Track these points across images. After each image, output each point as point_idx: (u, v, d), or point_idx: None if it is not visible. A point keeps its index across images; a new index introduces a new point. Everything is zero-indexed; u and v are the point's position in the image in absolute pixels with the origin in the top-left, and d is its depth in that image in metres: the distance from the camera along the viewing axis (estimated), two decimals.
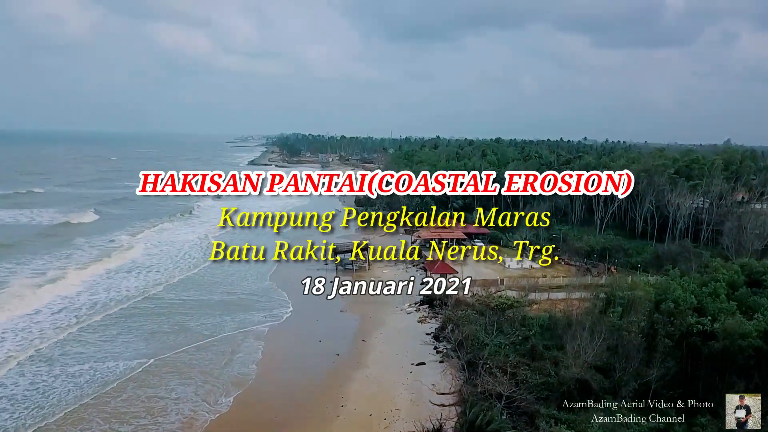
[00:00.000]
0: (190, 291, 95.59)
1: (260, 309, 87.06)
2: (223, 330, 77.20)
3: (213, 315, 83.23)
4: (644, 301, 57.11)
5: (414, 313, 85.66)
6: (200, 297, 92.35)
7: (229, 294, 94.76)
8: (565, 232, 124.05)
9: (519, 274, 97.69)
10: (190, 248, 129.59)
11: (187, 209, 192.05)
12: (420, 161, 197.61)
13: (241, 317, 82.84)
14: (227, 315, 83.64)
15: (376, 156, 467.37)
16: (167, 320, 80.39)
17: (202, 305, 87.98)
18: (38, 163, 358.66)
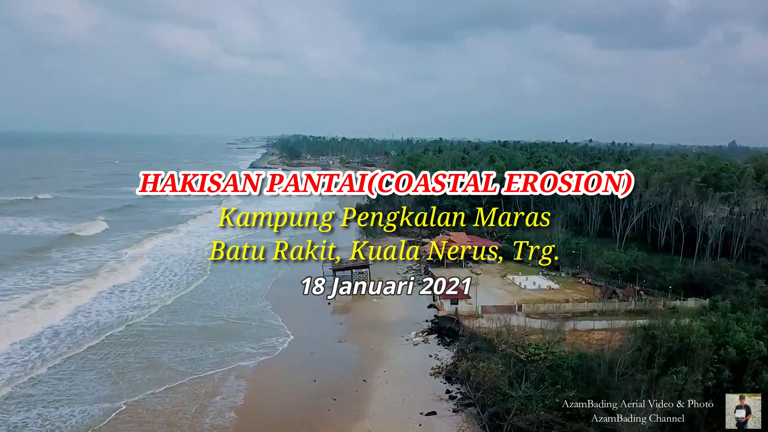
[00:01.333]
0: (179, 314, 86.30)
1: (249, 338, 77.50)
2: (201, 366, 67.55)
3: (194, 346, 73.63)
4: (700, 348, 47.53)
5: (421, 344, 75.97)
6: (185, 322, 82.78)
7: (216, 319, 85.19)
8: (582, 246, 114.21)
9: (537, 297, 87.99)
10: (191, 260, 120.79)
11: (192, 216, 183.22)
12: (424, 166, 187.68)
13: (227, 349, 73.27)
14: (211, 345, 74.11)
15: (378, 159, 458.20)
16: (141, 353, 70.89)
17: (185, 333, 78.44)
18: (42, 167, 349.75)
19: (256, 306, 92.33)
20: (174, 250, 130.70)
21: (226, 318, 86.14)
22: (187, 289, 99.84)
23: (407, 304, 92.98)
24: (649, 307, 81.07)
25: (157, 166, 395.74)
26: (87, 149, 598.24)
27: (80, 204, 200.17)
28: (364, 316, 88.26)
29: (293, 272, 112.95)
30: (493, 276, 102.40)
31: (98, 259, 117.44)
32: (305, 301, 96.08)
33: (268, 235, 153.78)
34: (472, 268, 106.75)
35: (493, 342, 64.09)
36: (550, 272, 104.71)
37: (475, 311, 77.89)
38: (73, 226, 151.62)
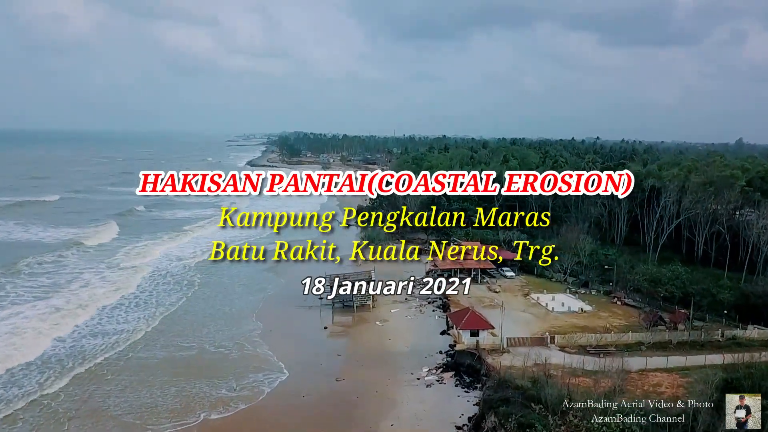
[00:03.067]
0: (156, 343, 73.66)
1: (227, 374, 64.70)
2: (154, 418, 54.59)
3: (153, 386, 60.95)
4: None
5: (435, 383, 63.07)
6: (150, 353, 70.12)
7: (189, 347, 72.43)
8: (611, 259, 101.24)
9: (569, 323, 75.03)
10: (182, 276, 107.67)
11: (198, 219, 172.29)
12: (430, 166, 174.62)
13: (194, 390, 60.45)
14: (174, 385, 61.42)
15: (380, 156, 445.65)
16: (87, 397, 58.14)
17: (148, 368, 65.72)
18: (46, 167, 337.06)
19: (241, 329, 79.64)
20: (170, 262, 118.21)
21: (202, 346, 73.36)
22: (168, 311, 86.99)
23: (416, 330, 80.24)
24: (705, 338, 68.37)
25: (161, 165, 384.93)
26: (90, 148, 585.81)
27: (88, 206, 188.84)
28: (367, 344, 75.49)
29: (287, 287, 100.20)
30: (514, 294, 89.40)
31: (90, 273, 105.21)
32: (298, 324, 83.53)
33: (267, 241, 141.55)
34: (489, 285, 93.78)
35: (528, 391, 51.13)
36: (578, 289, 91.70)
37: (499, 345, 64.98)
38: (80, 232, 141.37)
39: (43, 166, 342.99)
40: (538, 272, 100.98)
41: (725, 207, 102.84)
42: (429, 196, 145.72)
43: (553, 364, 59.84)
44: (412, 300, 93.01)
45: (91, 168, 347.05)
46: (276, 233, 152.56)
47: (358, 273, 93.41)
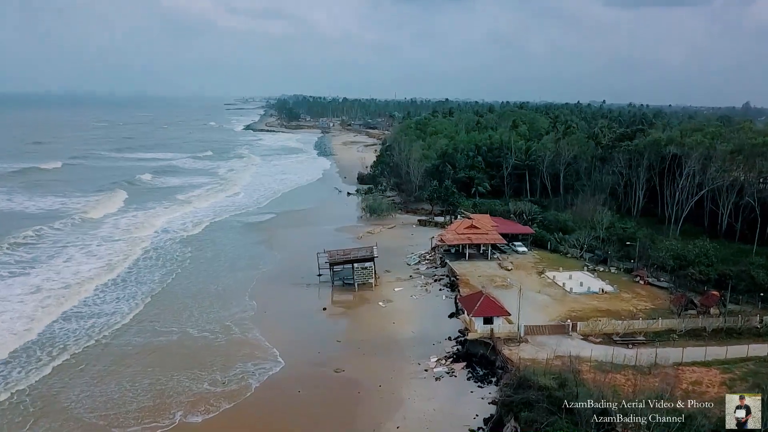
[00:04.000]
0: (133, 327, 67.20)
1: (211, 364, 58.46)
2: (120, 418, 48.43)
3: (124, 378, 54.69)
4: None
5: (446, 376, 56.90)
6: (127, 338, 63.79)
7: (168, 332, 66.10)
8: (630, 232, 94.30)
9: (591, 306, 68.52)
10: (178, 246, 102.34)
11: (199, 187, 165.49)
12: (434, 132, 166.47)
13: (172, 383, 54.27)
14: (148, 377, 55.26)
15: (381, 121, 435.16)
16: (52, 396, 51.95)
17: (123, 359, 59.37)
18: (46, 131, 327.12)
19: (230, 311, 73.26)
20: (166, 234, 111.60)
21: (184, 330, 67.00)
22: (153, 290, 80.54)
23: (423, 312, 73.84)
24: (744, 324, 61.89)
25: (163, 129, 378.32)
26: (88, 111, 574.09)
27: (92, 174, 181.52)
28: (369, 328, 69.17)
29: (283, 263, 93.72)
30: (528, 273, 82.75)
31: (79, 248, 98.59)
32: (294, 304, 77.23)
33: (263, 211, 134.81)
34: (500, 261, 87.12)
35: (555, 393, 44.78)
36: (596, 267, 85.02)
37: (516, 333, 58.56)
38: (84, 202, 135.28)
39: (42, 130, 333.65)
40: (552, 247, 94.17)
41: (756, 177, 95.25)
42: (434, 163, 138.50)
43: (577, 356, 53.71)
44: (416, 277, 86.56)
45: (91, 132, 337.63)
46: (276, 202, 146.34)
47: (359, 249, 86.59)
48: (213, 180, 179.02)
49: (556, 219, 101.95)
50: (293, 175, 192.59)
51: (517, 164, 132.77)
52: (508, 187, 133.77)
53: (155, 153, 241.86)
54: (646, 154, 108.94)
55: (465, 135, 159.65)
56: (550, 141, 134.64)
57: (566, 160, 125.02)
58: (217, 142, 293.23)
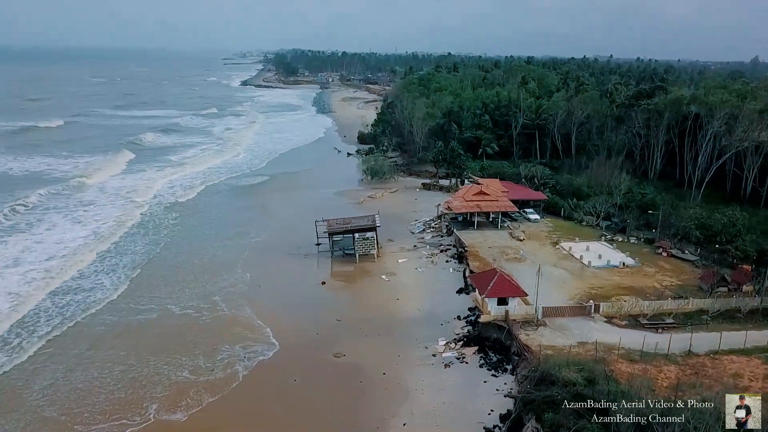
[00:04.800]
0: (106, 307, 61.56)
1: (195, 347, 53.37)
2: (87, 416, 43.13)
3: (95, 363, 49.57)
4: None
5: (455, 362, 51.86)
6: (105, 319, 58.22)
7: (149, 309, 60.74)
8: (649, 198, 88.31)
9: (613, 283, 63.06)
10: (168, 212, 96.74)
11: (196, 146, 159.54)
12: (439, 88, 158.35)
13: (149, 370, 49.18)
14: (121, 363, 50.12)
15: (381, 76, 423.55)
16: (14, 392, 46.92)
17: (94, 341, 54.16)
18: (43, 87, 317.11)
19: (219, 284, 67.87)
20: (161, 198, 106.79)
21: (165, 307, 61.62)
22: (138, 261, 75.03)
23: (429, 286, 68.47)
24: None
25: (163, 85, 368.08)
26: (84, 66, 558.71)
27: (94, 132, 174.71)
28: (371, 305, 63.89)
29: (279, 231, 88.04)
30: (542, 243, 77.05)
31: (63, 215, 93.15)
32: (291, 277, 71.87)
33: (259, 173, 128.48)
34: (511, 230, 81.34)
35: (582, 391, 39.66)
36: (615, 236, 79.30)
37: (534, 315, 53.22)
38: (86, 164, 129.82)
39: (38, 86, 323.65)
40: (566, 214, 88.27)
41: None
42: (438, 122, 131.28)
43: (601, 342, 48.48)
44: (421, 247, 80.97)
45: (89, 88, 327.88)
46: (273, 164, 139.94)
47: (360, 218, 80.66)
48: (208, 140, 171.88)
49: (569, 183, 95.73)
50: (291, 134, 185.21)
51: (527, 124, 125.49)
52: (517, 147, 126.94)
53: (156, 110, 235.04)
54: (666, 114, 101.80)
55: (471, 92, 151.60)
56: (562, 99, 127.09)
57: (579, 120, 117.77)
58: (217, 99, 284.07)
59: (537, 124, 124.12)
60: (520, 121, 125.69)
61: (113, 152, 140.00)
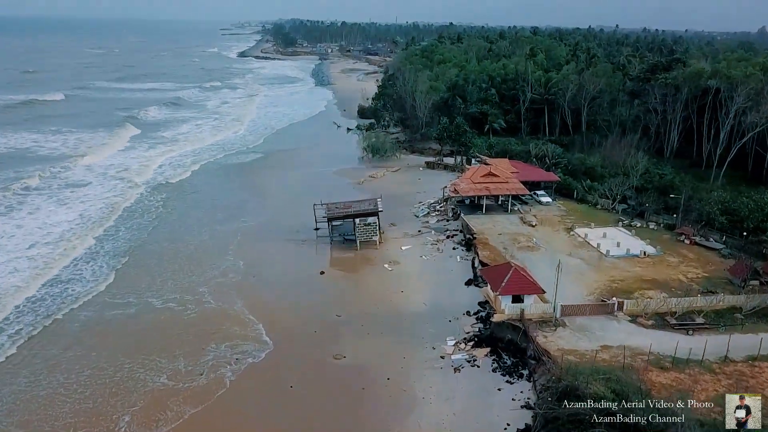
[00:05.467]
0: (88, 305, 56.91)
1: (177, 346, 48.79)
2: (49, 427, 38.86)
3: (55, 371, 44.99)
4: None
5: (466, 365, 47.43)
6: (78, 315, 53.60)
7: (131, 306, 55.90)
8: (668, 179, 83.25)
9: (634, 274, 58.36)
10: (157, 193, 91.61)
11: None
12: (442, 60, 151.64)
13: (122, 378, 44.39)
14: (91, 367, 45.48)
15: (382, 46, 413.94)
16: None
17: (63, 341, 49.36)
18: (41, 59, 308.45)
19: (207, 274, 63.24)
20: (157, 175, 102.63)
21: (145, 299, 56.96)
22: (122, 247, 70.24)
23: (435, 277, 63.78)
24: None
25: (162, 57, 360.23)
26: (79, 37, 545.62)
27: (97, 106, 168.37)
28: (374, 298, 59.28)
29: (275, 214, 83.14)
30: (555, 229, 72.11)
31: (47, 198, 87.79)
32: (287, 266, 67.26)
33: (255, 151, 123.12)
34: (521, 214, 76.39)
35: (613, 409, 35.24)
36: (632, 221, 74.36)
37: (552, 314, 48.63)
38: (89, 141, 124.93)
39: (36, 58, 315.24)
40: (579, 196, 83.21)
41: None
42: (442, 96, 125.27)
43: (627, 346, 44.10)
44: (426, 232, 76.10)
45: (88, 60, 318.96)
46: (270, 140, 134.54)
47: (361, 201, 75.53)
48: (203, 115, 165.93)
49: (582, 163, 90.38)
50: (289, 108, 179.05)
51: (535, 98, 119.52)
52: (525, 123, 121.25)
53: (156, 83, 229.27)
54: (685, 89, 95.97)
55: (476, 64, 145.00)
56: (572, 72, 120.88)
57: (591, 95, 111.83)
58: (214, 71, 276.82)
59: (546, 98, 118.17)
60: (528, 96, 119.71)
61: (113, 128, 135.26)
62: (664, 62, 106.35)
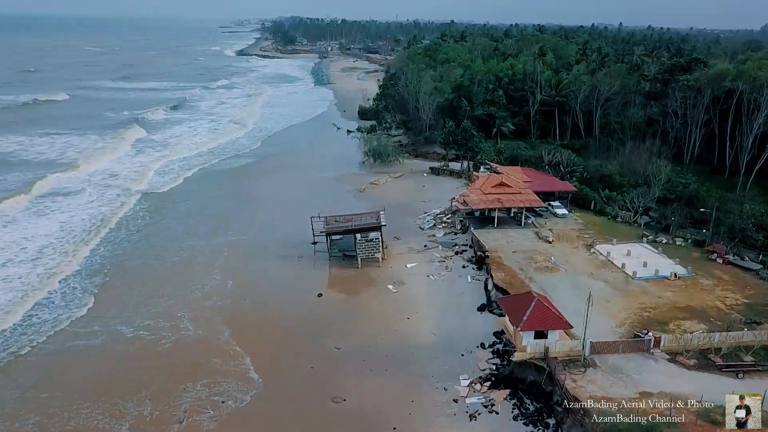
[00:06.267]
0: (31, 328, 50.94)
1: (147, 392, 42.65)
2: None
3: None
4: None
5: (483, 411, 41.53)
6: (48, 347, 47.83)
7: (98, 336, 49.89)
8: (691, 189, 77.30)
9: (663, 300, 52.38)
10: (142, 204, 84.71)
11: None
12: (447, 60, 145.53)
13: (81, 428, 38.76)
14: (42, 413, 39.53)
15: (382, 44, 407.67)
16: None
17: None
18: (42, 58, 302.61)
19: (189, 296, 57.53)
20: (147, 182, 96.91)
21: (116, 328, 51.05)
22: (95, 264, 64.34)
23: (444, 300, 57.91)
24: None
25: (164, 56, 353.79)
26: (79, 35, 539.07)
27: (101, 107, 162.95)
28: (377, 327, 53.39)
29: (269, 226, 77.20)
30: (573, 245, 66.14)
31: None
32: (280, 287, 61.44)
33: (251, 155, 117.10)
34: (536, 228, 70.42)
35: None
36: (657, 236, 68.35)
37: (580, 352, 42.70)
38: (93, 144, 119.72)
39: (37, 57, 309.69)
40: (598, 208, 77.23)
41: None
42: (447, 98, 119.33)
43: (669, 393, 38.27)
44: (433, 247, 70.20)
45: (89, 59, 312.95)
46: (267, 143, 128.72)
47: (362, 215, 69.50)
48: (197, 116, 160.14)
49: (598, 171, 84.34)
50: (288, 108, 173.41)
51: (545, 100, 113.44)
52: (534, 126, 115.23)
53: (160, 82, 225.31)
54: (708, 91, 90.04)
55: (482, 64, 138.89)
56: (584, 72, 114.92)
57: (605, 96, 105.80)
58: (211, 70, 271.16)
59: (557, 100, 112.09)
60: (538, 97, 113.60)
61: (117, 129, 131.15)
62: (683, 62, 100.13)
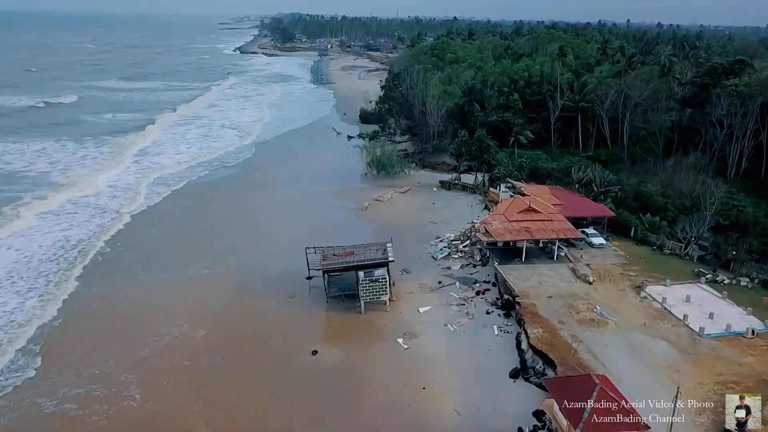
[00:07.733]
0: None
1: None
2: None
3: None
4: None
5: None
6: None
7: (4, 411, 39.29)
8: (749, 215, 66.31)
9: (744, 369, 41.56)
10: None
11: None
12: (456, 60, 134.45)
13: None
14: None
15: (383, 42, 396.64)
16: None
17: None
18: (45, 56, 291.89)
19: (139, 352, 46.85)
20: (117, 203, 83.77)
21: (35, 400, 40.32)
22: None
23: (467, 361, 47.01)
24: None
25: (172, 54, 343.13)
26: (80, 33, 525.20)
27: (111, 108, 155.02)
28: (386, 400, 42.53)
29: (255, 255, 66.25)
30: (619, 287, 55.16)
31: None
32: (264, 340, 50.47)
33: (243, 165, 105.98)
34: (573, 264, 59.43)
35: None
36: (716, 274, 57.43)
37: None
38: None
39: (40, 55, 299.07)
40: (640, 235, 66.23)
41: None
42: (457, 102, 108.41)
43: None
44: (449, 283, 59.31)
45: (92, 57, 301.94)
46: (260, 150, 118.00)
47: (366, 248, 58.24)
48: (186, 120, 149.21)
49: (637, 191, 73.13)
50: (285, 110, 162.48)
51: (567, 105, 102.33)
52: (555, 134, 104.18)
53: (168, 81, 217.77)
54: (760, 98, 79.14)
55: (493, 65, 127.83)
56: (608, 75, 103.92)
57: (635, 102, 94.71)
58: (208, 69, 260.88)
59: (580, 106, 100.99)
60: (559, 103, 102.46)
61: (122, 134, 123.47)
62: (725, 64, 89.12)
